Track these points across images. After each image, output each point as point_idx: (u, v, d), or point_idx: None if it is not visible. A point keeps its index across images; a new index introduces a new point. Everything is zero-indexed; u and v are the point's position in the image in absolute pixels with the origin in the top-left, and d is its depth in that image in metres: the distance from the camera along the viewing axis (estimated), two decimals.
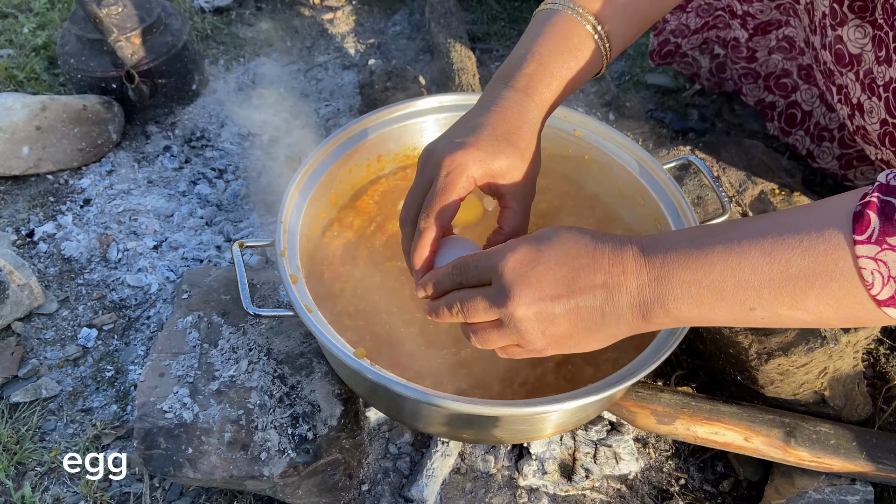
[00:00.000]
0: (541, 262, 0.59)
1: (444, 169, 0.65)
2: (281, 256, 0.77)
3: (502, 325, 0.60)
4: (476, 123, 0.68)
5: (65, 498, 0.88)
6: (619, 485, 0.89)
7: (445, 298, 0.64)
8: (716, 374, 0.95)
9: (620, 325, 0.59)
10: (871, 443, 0.84)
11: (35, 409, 0.95)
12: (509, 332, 0.60)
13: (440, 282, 0.65)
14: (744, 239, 0.55)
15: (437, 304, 0.65)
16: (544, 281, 0.58)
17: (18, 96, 1.24)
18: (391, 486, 0.87)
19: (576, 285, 0.58)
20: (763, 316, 0.55)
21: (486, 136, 0.67)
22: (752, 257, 0.54)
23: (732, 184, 1.02)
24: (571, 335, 0.59)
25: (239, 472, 0.78)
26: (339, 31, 1.61)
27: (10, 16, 1.58)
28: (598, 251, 0.59)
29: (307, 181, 0.86)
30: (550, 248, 0.60)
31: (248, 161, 1.30)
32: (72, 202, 1.21)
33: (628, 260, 0.58)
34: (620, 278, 0.58)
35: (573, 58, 0.72)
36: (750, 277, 0.54)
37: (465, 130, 0.68)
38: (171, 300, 1.07)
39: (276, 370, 0.86)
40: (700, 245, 0.56)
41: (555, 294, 0.58)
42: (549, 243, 0.60)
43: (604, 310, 0.58)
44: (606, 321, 0.59)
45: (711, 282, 0.55)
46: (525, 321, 0.59)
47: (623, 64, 1.50)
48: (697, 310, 0.56)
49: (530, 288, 0.58)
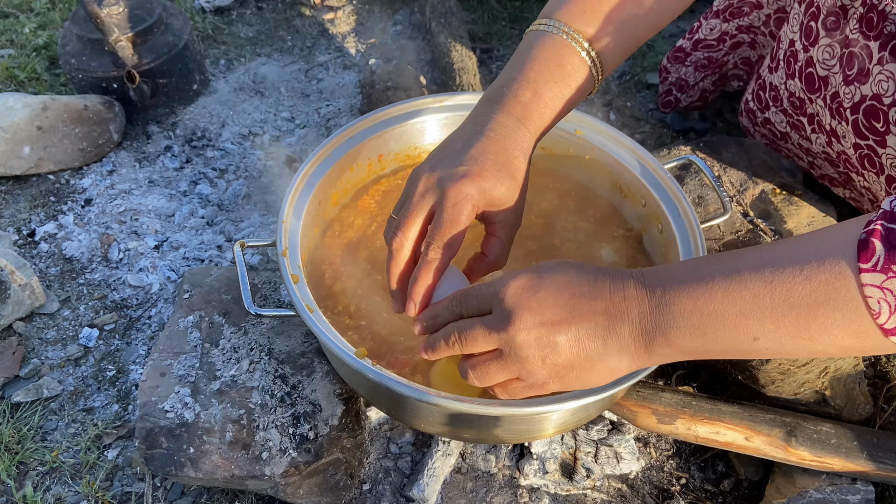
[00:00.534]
0: (542, 287, 0.59)
1: (451, 199, 0.65)
2: (282, 256, 0.77)
3: (502, 355, 0.59)
4: (478, 151, 0.68)
5: (66, 497, 0.88)
6: (620, 484, 0.89)
7: (443, 331, 0.63)
8: (717, 373, 0.95)
9: (623, 357, 0.58)
10: (872, 442, 0.84)
11: (36, 409, 0.95)
12: (510, 363, 0.59)
13: (438, 314, 0.64)
14: (744, 268, 0.54)
15: (435, 339, 0.64)
16: (545, 306, 0.58)
17: (20, 96, 1.25)
18: (392, 486, 0.87)
19: (577, 311, 0.58)
20: (767, 346, 0.55)
21: (489, 165, 0.67)
22: (753, 286, 0.53)
23: (733, 183, 1.02)
24: (573, 365, 0.59)
25: (240, 471, 0.78)
26: (339, 30, 1.61)
27: (11, 16, 1.58)
28: (598, 281, 0.59)
29: (308, 181, 0.86)
30: (552, 276, 0.60)
31: (249, 161, 1.30)
32: (73, 202, 1.21)
33: (629, 288, 0.58)
34: (622, 305, 0.57)
35: (567, 86, 0.72)
36: (751, 306, 0.53)
37: (467, 158, 0.67)
38: (172, 300, 1.07)
39: (277, 370, 0.86)
40: (701, 274, 0.56)
41: (556, 319, 0.57)
42: (551, 273, 0.60)
43: (605, 338, 0.58)
44: (608, 351, 0.58)
45: (713, 310, 0.54)
46: (526, 347, 0.58)
47: (623, 64, 1.50)
48: (700, 340, 0.56)
49: (531, 312, 0.58)
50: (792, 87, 0.95)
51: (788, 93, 0.96)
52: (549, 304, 0.58)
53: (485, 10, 1.62)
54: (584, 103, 1.42)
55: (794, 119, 0.98)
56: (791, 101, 0.97)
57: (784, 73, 0.96)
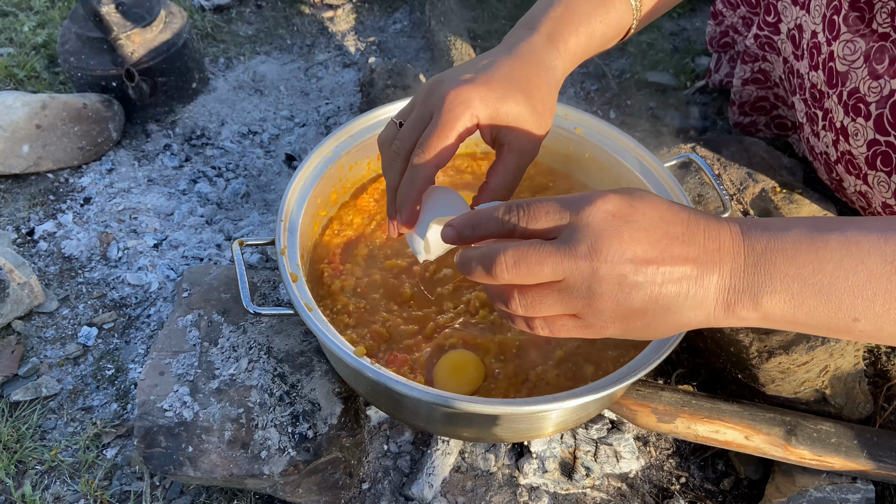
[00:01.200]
0: (635, 218, 0.50)
1: (448, 103, 0.60)
2: (281, 255, 0.77)
3: (568, 287, 0.50)
4: (491, 62, 0.62)
5: (65, 496, 0.88)
6: (619, 483, 0.89)
7: (487, 250, 0.51)
8: (716, 372, 0.95)
9: (698, 312, 0.51)
10: (872, 441, 0.84)
11: (35, 408, 0.95)
12: (574, 297, 0.50)
13: (479, 224, 0.53)
14: (863, 239, 0.48)
15: (472, 258, 0.52)
16: (638, 240, 0.49)
17: (18, 95, 1.24)
18: (392, 485, 0.87)
19: (668, 253, 0.50)
20: (864, 329, 0.49)
21: (499, 76, 0.61)
22: (871, 263, 0.48)
23: (733, 182, 1.02)
24: (646, 312, 0.51)
25: (239, 470, 0.78)
26: (339, 29, 1.61)
27: (11, 14, 1.58)
28: (692, 222, 0.51)
29: (307, 179, 0.86)
30: (644, 207, 0.51)
31: (248, 159, 1.30)
32: (72, 201, 1.21)
33: (725, 238, 0.51)
34: (715, 255, 0.50)
35: (604, 10, 0.66)
36: (864, 285, 0.48)
37: (478, 68, 0.62)
38: (171, 299, 1.07)
39: (276, 369, 0.86)
40: (812, 238, 0.49)
41: (646, 258, 0.49)
42: (642, 202, 0.51)
43: (689, 289, 0.50)
44: (687, 303, 0.50)
45: (818, 282, 0.48)
46: (606, 282, 0.49)
47: (624, 62, 1.50)
48: (792, 311, 0.50)
49: (622, 245, 0.49)
50: (815, 78, 0.93)
51: (811, 83, 0.95)
52: (641, 240, 0.49)
53: (485, 8, 1.62)
54: (584, 101, 1.42)
55: (812, 111, 0.97)
56: (812, 92, 0.95)
57: (808, 63, 0.94)
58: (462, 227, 0.54)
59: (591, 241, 0.49)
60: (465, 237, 0.54)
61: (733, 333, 0.87)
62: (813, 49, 0.92)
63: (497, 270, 0.50)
